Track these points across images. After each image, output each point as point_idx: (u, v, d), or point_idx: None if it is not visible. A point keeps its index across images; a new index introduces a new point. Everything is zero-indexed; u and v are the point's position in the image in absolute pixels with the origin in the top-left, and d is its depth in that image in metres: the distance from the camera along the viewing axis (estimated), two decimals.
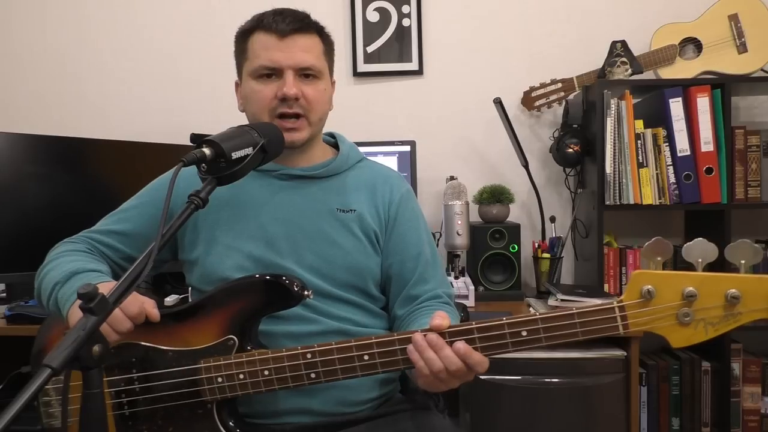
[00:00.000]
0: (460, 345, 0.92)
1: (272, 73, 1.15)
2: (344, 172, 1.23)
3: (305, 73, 1.15)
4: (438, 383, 0.95)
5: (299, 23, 1.15)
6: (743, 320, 0.88)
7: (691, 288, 0.87)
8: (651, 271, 0.90)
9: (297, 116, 1.15)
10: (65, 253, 1.15)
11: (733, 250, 0.93)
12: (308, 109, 1.15)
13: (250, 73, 1.16)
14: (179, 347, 1.05)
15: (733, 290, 0.86)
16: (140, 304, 0.99)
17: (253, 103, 1.17)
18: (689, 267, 0.98)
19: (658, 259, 0.95)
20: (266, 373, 1.00)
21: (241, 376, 1.01)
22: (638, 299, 0.89)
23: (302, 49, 1.14)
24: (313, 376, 0.99)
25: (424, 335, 0.94)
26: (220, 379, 1.02)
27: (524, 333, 0.93)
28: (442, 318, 0.95)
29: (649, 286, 0.88)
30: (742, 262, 0.92)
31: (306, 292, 1.04)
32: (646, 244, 0.93)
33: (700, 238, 0.94)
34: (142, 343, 1.05)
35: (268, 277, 1.05)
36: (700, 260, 0.93)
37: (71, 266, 1.09)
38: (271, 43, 1.14)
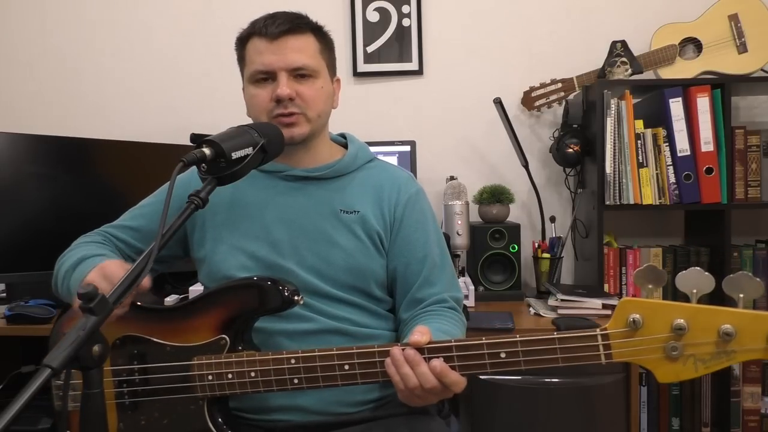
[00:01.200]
0: (437, 363, 0.92)
1: (267, 76, 1.15)
2: (351, 173, 1.23)
3: (300, 73, 1.16)
4: (415, 398, 0.95)
5: (290, 24, 1.15)
6: (737, 359, 0.82)
7: (681, 320, 0.82)
8: (639, 300, 0.85)
9: (293, 114, 1.15)
10: (80, 245, 1.20)
11: (731, 282, 0.86)
12: (305, 107, 1.16)
13: (248, 78, 1.18)
14: (177, 343, 1.07)
15: (727, 326, 0.81)
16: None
17: (253, 108, 1.19)
18: (684, 296, 0.93)
19: (650, 287, 0.89)
20: (252, 374, 1.01)
21: (230, 376, 1.03)
22: (624, 328, 0.85)
23: (294, 50, 1.15)
24: (296, 381, 1.00)
25: (403, 350, 0.94)
26: (210, 377, 1.03)
27: (503, 355, 0.91)
28: (422, 334, 0.94)
29: (636, 315, 0.84)
30: (741, 296, 0.84)
31: (296, 298, 1.04)
32: (637, 270, 0.88)
33: (696, 268, 0.87)
34: (145, 337, 1.08)
35: (261, 281, 1.06)
36: (694, 291, 0.86)
37: (81, 254, 1.14)
38: (263, 47, 1.15)
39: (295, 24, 1.16)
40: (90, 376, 0.75)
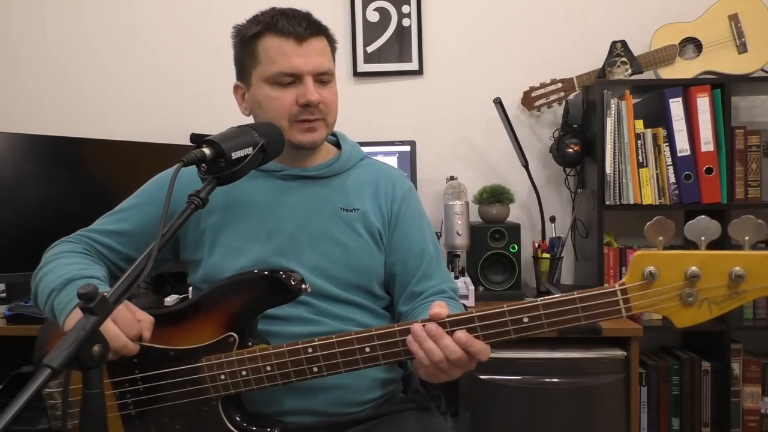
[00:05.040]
0: (461, 334, 0.91)
1: (292, 79, 1.12)
2: (347, 171, 1.23)
3: (322, 78, 1.14)
4: (439, 373, 0.94)
5: (314, 27, 1.13)
6: (748, 298, 0.86)
7: (694, 268, 0.86)
8: (653, 252, 0.88)
9: (317, 119, 1.14)
10: (63, 255, 1.12)
11: (736, 226, 0.89)
12: (326, 112, 1.15)
13: (266, 79, 1.13)
14: (180, 346, 1.05)
15: (738, 268, 0.85)
16: (138, 329, 0.97)
17: (269, 110, 1.14)
18: (693, 246, 0.95)
19: (660, 239, 0.91)
20: (268, 368, 1.00)
21: (244, 373, 1.01)
22: (640, 281, 0.87)
23: (319, 53, 1.13)
24: (315, 370, 0.99)
25: (423, 325, 0.94)
26: (222, 377, 1.02)
27: (525, 320, 0.91)
28: (441, 307, 0.94)
29: (651, 268, 0.86)
30: (746, 238, 0.87)
31: (304, 286, 1.03)
32: (648, 223, 0.90)
33: (702, 216, 0.90)
34: (143, 344, 1.04)
35: (266, 272, 1.05)
36: (702, 238, 0.89)
37: (67, 271, 1.06)
38: (289, 48, 1.11)
39: (316, 26, 1.14)
40: (90, 376, 0.75)
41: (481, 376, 1.70)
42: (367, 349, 0.97)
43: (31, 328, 1.75)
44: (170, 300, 1.88)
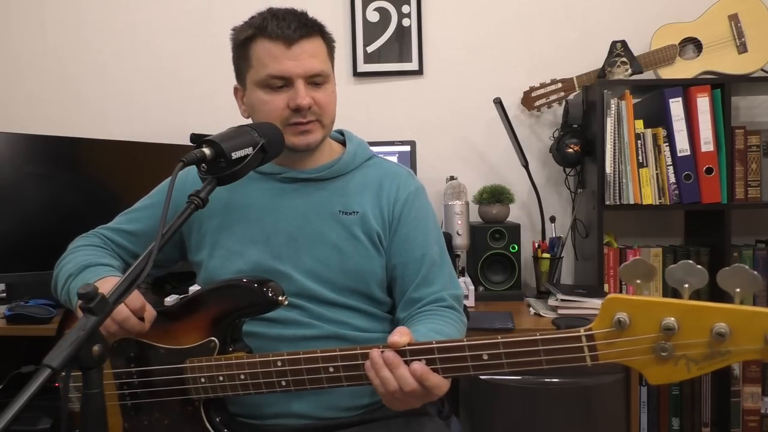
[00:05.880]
0: (417, 366, 0.88)
1: (283, 83, 1.11)
2: (350, 173, 1.21)
3: (315, 80, 1.13)
4: (396, 402, 0.92)
5: (305, 28, 1.11)
6: (732, 360, 0.75)
7: (670, 319, 0.76)
8: (626, 297, 0.79)
9: (310, 122, 1.13)
10: (80, 248, 1.19)
11: (726, 275, 0.76)
12: (320, 114, 1.13)
13: (257, 83, 1.12)
14: (170, 345, 1.07)
15: (721, 324, 0.74)
16: (142, 303, 1.02)
17: (262, 114, 1.13)
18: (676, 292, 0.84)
19: (638, 282, 0.83)
20: (242, 377, 1.01)
21: (221, 378, 1.02)
22: (609, 328, 0.79)
23: (310, 55, 1.11)
24: (283, 383, 0.99)
25: (382, 352, 0.91)
26: (203, 380, 1.03)
27: (485, 356, 0.87)
28: (401, 334, 0.91)
29: (623, 315, 0.78)
30: (737, 290, 0.75)
31: (280, 298, 1.02)
32: (623, 265, 0.82)
33: (688, 261, 0.79)
34: (140, 339, 1.08)
35: (243, 282, 1.05)
36: (686, 285, 0.80)
37: (84, 259, 1.13)
38: (278, 51, 1.10)
39: (308, 27, 1.12)
40: (90, 376, 0.75)
41: (481, 376, 1.70)
42: (331, 369, 0.96)
43: (31, 328, 1.75)
44: (170, 300, 1.88)
